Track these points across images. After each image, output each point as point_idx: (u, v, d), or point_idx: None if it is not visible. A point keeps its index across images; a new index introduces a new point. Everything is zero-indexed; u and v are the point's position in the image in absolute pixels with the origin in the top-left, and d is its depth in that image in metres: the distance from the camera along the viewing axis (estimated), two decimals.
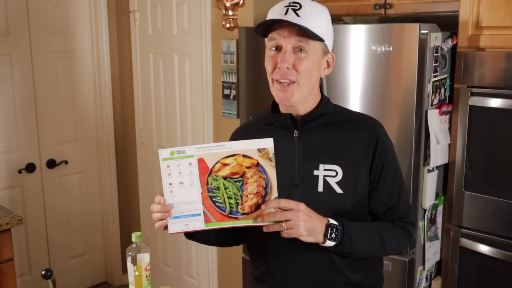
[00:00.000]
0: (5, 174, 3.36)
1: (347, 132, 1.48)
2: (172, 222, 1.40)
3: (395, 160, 1.52)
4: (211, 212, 1.38)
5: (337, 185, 1.44)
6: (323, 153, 1.46)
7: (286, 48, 1.40)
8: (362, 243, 1.42)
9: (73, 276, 3.81)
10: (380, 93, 2.21)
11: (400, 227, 1.52)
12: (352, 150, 1.46)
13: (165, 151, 1.36)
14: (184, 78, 3.30)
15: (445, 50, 2.22)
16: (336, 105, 1.56)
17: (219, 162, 1.35)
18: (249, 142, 1.35)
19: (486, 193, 2.14)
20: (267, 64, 1.46)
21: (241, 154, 1.34)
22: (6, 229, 2.55)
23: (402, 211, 1.52)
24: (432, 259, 2.39)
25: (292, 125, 1.49)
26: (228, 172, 1.35)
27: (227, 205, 1.36)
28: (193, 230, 1.41)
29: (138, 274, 1.66)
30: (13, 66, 3.31)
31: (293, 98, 1.43)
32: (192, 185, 1.37)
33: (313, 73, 1.44)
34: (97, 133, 3.82)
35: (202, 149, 1.35)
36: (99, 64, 3.73)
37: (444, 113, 2.25)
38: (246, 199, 1.35)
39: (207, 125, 3.19)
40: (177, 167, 1.36)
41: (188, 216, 1.39)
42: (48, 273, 1.48)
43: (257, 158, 1.34)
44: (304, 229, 1.32)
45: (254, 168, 1.34)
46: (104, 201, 3.93)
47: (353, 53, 2.25)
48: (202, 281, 3.43)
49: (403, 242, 1.53)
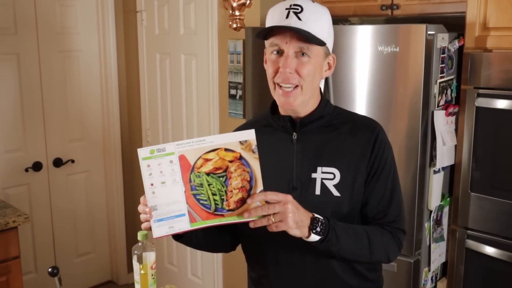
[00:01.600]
0: (12, 173, 3.37)
1: (346, 134, 1.46)
2: (157, 226, 1.34)
3: (392, 163, 1.49)
4: (195, 210, 1.32)
5: (335, 188, 1.42)
6: (321, 156, 1.44)
7: (288, 53, 1.38)
8: (347, 243, 1.38)
9: (79, 274, 3.82)
10: (387, 94, 2.21)
11: (389, 233, 1.47)
12: (351, 152, 1.44)
13: (145, 150, 1.31)
14: (191, 78, 3.30)
15: (452, 51, 2.22)
16: (336, 106, 1.54)
17: (200, 157, 1.30)
18: (230, 135, 1.31)
19: (492, 194, 2.13)
20: (268, 68, 1.44)
21: (223, 148, 1.30)
22: (13, 227, 2.57)
23: (392, 215, 1.47)
24: (437, 261, 2.38)
25: (291, 127, 1.47)
26: (211, 167, 1.31)
27: (212, 202, 1.32)
28: (178, 231, 1.35)
29: (143, 273, 1.66)
30: (20, 65, 3.33)
31: (296, 102, 1.41)
32: (174, 184, 1.32)
33: (316, 76, 1.43)
34: (103, 132, 3.83)
35: (183, 146, 1.30)
36: (105, 64, 3.74)
37: (451, 114, 2.24)
38: (231, 195, 1.31)
39: (213, 125, 3.19)
40: (158, 166, 1.31)
41: (172, 218, 1.33)
42: (54, 271, 1.49)
43: (239, 151, 1.30)
44: (293, 221, 1.28)
45: (237, 162, 1.30)
46: (110, 200, 3.94)
47: (360, 54, 2.24)
48: (207, 281, 3.43)
49: (392, 249, 1.48)
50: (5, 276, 2.57)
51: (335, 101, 2.33)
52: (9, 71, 3.29)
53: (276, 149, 1.47)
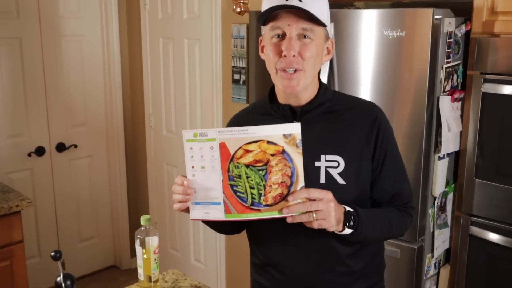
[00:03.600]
0: (15, 157, 3.37)
1: (347, 121, 1.45)
2: (193, 208, 1.33)
3: (395, 145, 1.51)
4: (231, 202, 1.30)
5: (339, 176, 1.41)
6: (324, 144, 1.43)
7: (291, 35, 1.35)
8: (372, 230, 1.41)
9: (82, 259, 3.84)
10: (392, 79, 2.18)
11: (404, 212, 1.52)
12: (354, 139, 1.43)
13: (189, 132, 1.30)
14: (194, 62, 3.28)
15: (458, 36, 2.19)
16: (335, 91, 1.54)
17: (241, 148, 1.27)
18: (274, 127, 1.27)
19: (497, 181, 2.12)
20: (269, 53, 1.40)
21: (265, 140, 1.26)
22: (16, 211, 2.57)
23: (406, 197, 1.52)
24: (441, 247, 2.38)
25: (291, 116, 1.45)
26: (251, 159, 1.27)
27: (249, 195, 1.28)
28: (212, 219, 1.34)
29: (146, 257, 1.66)
30: (23, 49, 3.31)
31: (299, 86, 1.39)
32: (213, 170, 1.29)
33: (317, 59, 1.41)
34: (106, 117, 3.82)
35: (224, 133, 1.28)
36: (108, 48, 3.72)
37: (456, 100, 2.22)
38: (270, 190, 1.27)
39: (216, 110, 3.18)
40: (199, 150, 1.30)
41: (209, 204, 1.32)
42: (57, 255, 1.48)
43: (282, 145, 1.26)
44: (335, 220, 1.28)
45: (279, 156, 1.26)
46: (113, 185, 3.95)
47: (365, 39, 2.22)
48: (210, 266, 3.44)
49: (406, 226, 1.55)
50: (9, 260, 2.58)
51: (339, 86, 2.31)
52: (11, 55, 3.27)
53: None
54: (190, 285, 1.76)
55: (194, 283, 1.78)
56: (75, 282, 1.49)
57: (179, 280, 1.80)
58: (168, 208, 3.68)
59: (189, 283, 1.78)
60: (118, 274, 3.97)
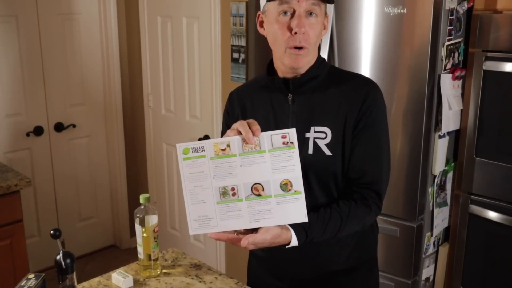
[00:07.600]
0: (13, 137, 3.36)
1: (339, 94, 1.45)
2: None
3: (380, 124, 1.45)
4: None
5: (326, 147, 1.43)
6: (314, 116, 1.45)
7: (300, 12, 1.36)
8: (324, 237, 1.39)
9: (82, 239, 3.85)
10: (393, 57, 2.16)
11: (363, 206, 1.43)
12: (342, 111, 1.43)
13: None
14: (193, 41, 3.25)
15: (460, 12, 2.16)
16: (331, 65, 1.55)
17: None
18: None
19: (498, 159, 2.12)
20: (276, 31, 1.39)
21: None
22: (15, 190, 2.57)
23: (370, 176, 1.44)
24: (440, 225, 2.38)
25: (286, 89, 1.47)
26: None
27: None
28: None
29: (146, 236, 1.66)
30: (19, 28, 3.28)
31: (305, 62, 1.42)
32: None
33: (319, 37, 1.43)
34: (104, 96, 3.80)
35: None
36: (106, 27, 3.68)
37: (457, 78, 2.20)
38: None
39: (215, 89, 3.15)
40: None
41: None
42: (56, 233, 1.48)
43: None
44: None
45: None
46: (112, 165, 3.94)
47: (366, 16, 2.19)
48: (209, 246, 3.45)
49: (367, 221, 1.48)
50: (9, 239, 2.59)
51: (339, 63, 2.29)
52: (8, 33, 3.24)
53: (273, 109, 1.49)
54: (190, 263, 1.77)
55: (194, 262, 1.78)
56: (75, 261, 1.49)
57: (178, 259, 1.80)
58: (168, 187, 3.68)
59: (189, 261, 1.78)
60: (118, 254, 3.99)
